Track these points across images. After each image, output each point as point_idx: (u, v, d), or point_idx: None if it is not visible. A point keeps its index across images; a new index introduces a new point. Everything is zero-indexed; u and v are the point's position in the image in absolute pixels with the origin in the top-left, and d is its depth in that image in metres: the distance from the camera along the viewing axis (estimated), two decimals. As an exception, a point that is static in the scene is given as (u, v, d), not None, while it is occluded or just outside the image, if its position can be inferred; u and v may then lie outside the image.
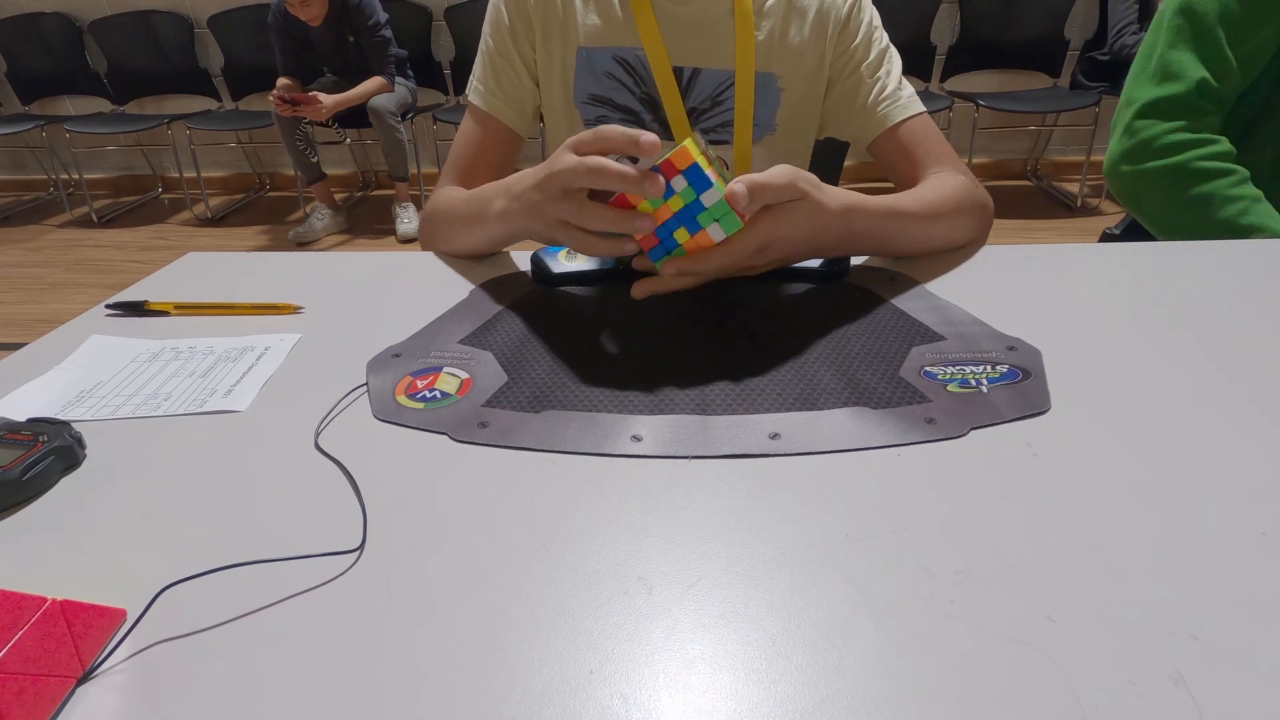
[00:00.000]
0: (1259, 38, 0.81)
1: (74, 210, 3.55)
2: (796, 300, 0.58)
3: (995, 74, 3.03)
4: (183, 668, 0.30)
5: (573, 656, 0.29)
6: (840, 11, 0.76)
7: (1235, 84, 0.83)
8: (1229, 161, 0.83)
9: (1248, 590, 0.31)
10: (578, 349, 0.52)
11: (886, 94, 0.75)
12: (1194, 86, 0.82)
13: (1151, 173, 0.85)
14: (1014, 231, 2.72)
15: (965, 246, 0.68)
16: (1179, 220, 0.86)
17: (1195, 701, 0.26)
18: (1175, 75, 0.83)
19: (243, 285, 0.68)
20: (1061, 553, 0.33)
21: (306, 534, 0.36)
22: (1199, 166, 0.82)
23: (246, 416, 0.47)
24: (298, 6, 2.65)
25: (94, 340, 0.58)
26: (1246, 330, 0.51)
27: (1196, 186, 0.82)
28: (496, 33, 0.78)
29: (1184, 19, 0.83)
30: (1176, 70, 0.83)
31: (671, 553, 0.34)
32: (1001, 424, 0.42)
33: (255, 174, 3.71)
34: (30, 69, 3.45)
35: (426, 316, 0.58)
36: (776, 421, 0.43)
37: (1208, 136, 0.83)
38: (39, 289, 2.72)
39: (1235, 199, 0.81)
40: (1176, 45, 0.83)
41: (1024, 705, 0.27)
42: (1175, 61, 0.83)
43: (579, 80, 0.78)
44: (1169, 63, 0.84)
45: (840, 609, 0.31)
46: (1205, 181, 0.82)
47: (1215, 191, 0.82)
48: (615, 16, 0.76)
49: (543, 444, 0.42)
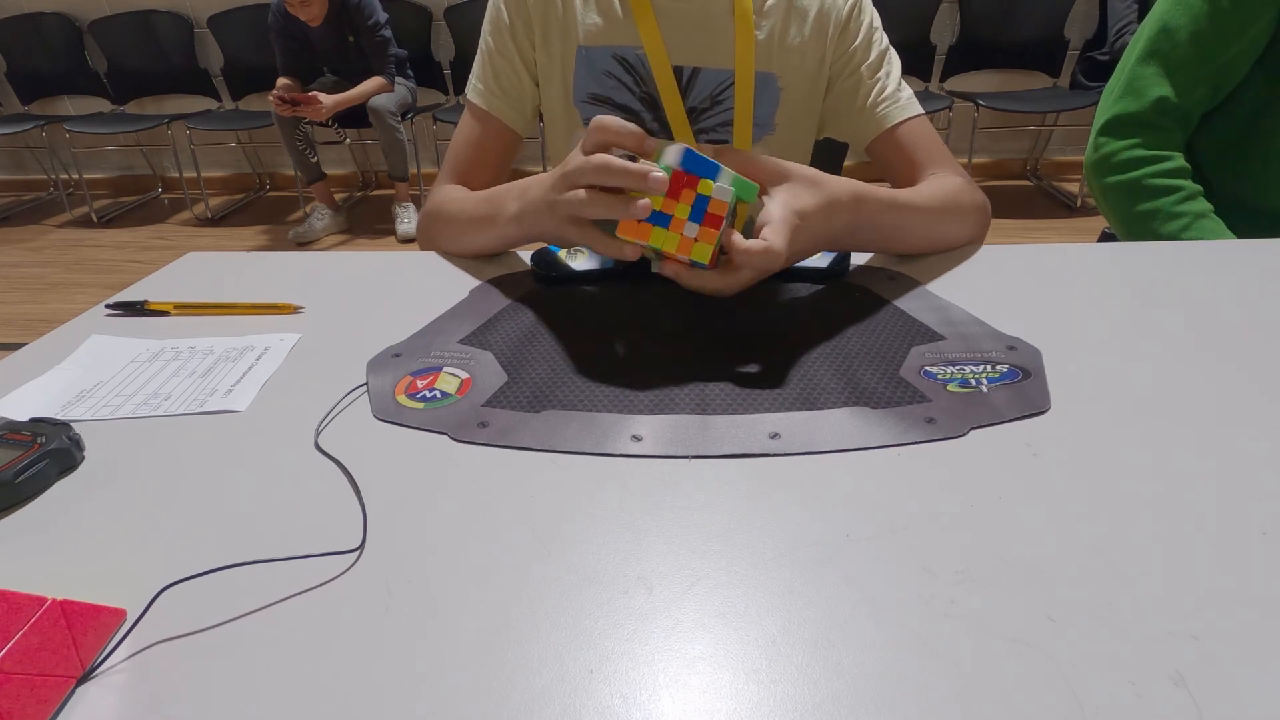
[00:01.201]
0: (1231, 53, 0.83)
1: (74, 210, 3.55)
2: (796, 300, 0.58)
3: (995, 74, 3.03)
4: (183, 668, 0.30)
5: (573, 656, 0.29)
6: (841, 12, 0.76)
7: (1203, 99, 0.86)
8: (1181, 178, 0.86)
9: (1248, 590, 0.31)
10: (578, 349, 0.52)
11: (885, 95, 0.75)
12: (1153, 104, 0.86)
13: (1108, 187, 0.90)
14: (1014, 231, 2.72)
15: (964, 247, 0.68)
16: (1132, 232, 0.90)
17: (1195, 701, 0.26)
18: (1137, 92, 0.87)
19: (243, 285, 0.68)
20: (1061, 553, 0.33)
21: (306, 534, 0.36)
22: (1149, 184, 0.87)
23: (246, 416, 0.47)
24: (298, 6, 2.65)
25: (94, 340, 0.58)
26: (1246, 330, 0.51)
27: (1144, 203, 0.87)
28: (496, 32, 0.78)
29: (1159, 34, 0.85)
30: (1139, 87, 0.87)
31: (671, 553, 0.34)
32: (1001, 424, 0.42)
33: (255, 174, 3.71)
34: (30, 69, 3.45)
35: (426, 316, 0.58)
36: (776, 421, 0.43)
37: (1161, 154, 0.87)
38: (39, 289, 2.72)
39: (1179, 215, 0.85)
40: (1145, 61, 0.87)
41: (1024, 705, 0.26)
42: (1139, 77, 0.87)
43: (579, 79, 0.78)
44: (1134, 78, 0.87)
45: (840, 609, 0.31)
46: (1153, 198, 0.86)
47: (1161, 208, 0.86)
48: (615, 15, 0.76)
49: (543, 444, 0.42)
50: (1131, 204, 0.88)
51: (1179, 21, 0.83)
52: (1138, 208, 0.87)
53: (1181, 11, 0.83)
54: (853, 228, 0.58)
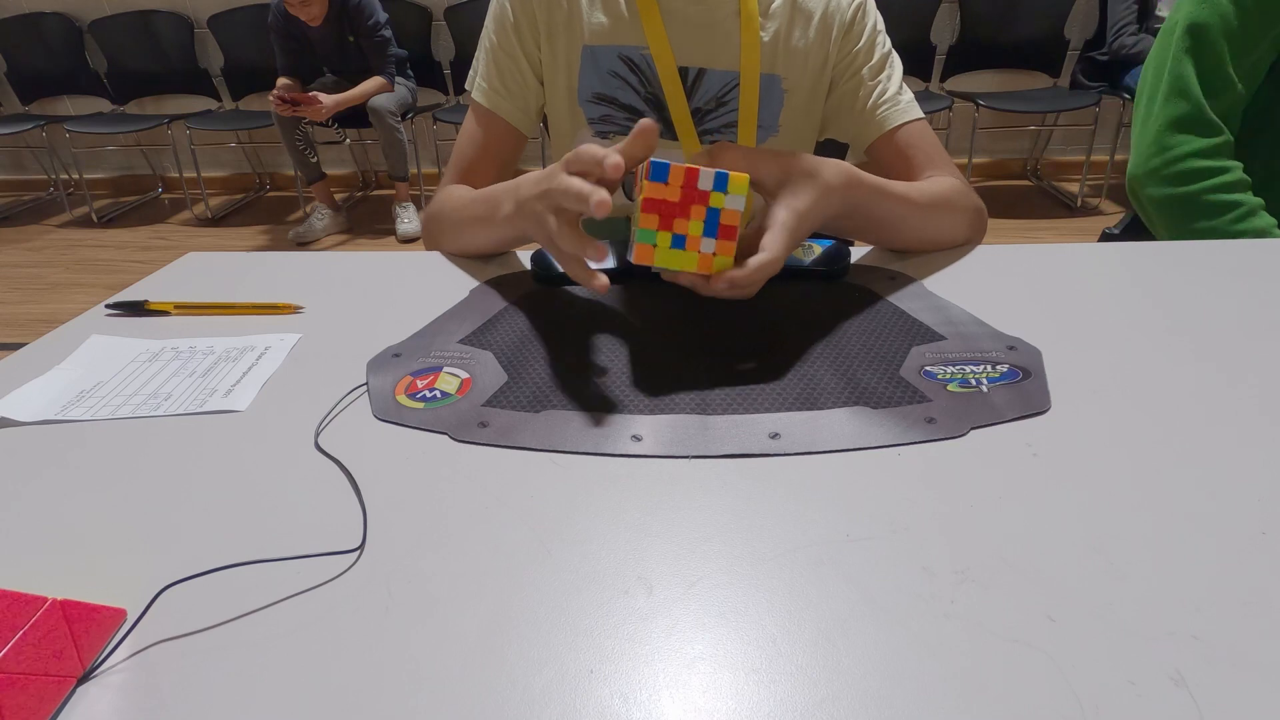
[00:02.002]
0: (1259, 51, 0.82)
1: (74, 210, 3.55)
2: (796, 300, 0.58)
3: (995, 74, 3.03)
4: (183, 668, 0.30)
5: (573, 656, 0.29)
6: (845, 15, 0.77)
7: (1238, 99, 0.85)
8: (1239, 192, 0.84)
9: (1248, 590, 0.31)
10: (578, 349, 0.52)
11: (886, 97, 0.76)
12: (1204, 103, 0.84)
13: (1162, 200, 0.88)
14: (1014, 231, 2.72)
15: (959, 246, 0.68)
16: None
17: (1195, 701, 0.26)
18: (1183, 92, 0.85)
19: (243, 285, 0.68)
20: (1061, 553, 0.33)
21: (306, 534, 0.36)
22: (1208, 200, 0.84)
23: (246, 416, 0.47)
24: (298, 6, 2.65)
25: (94, 340, 0.58)
26: (1246, 330, 0.51)
27: (1204, 220, 0.85)
28: (500, 29, 0.78)
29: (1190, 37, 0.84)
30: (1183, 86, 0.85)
31: (671, 553, 0.34)
32: (1001, 424, 0.42)
33: (255, 174, 3.71)
34: (30, 69, 3.45)
35: (426, 316, 0.58)
36: (776, 421, 0.43)
37: (1221, 165, 0.85)
38: (39, 289, 2.72)
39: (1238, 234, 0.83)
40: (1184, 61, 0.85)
41: (1024, 705, 0.27)
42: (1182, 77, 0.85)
43: (583, 78, 0.78)
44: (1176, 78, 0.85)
45: (840, 609, 0.31)
46: (1211, 216, 0.84)
47: (1219, 227, 0.84)
48: (621, 15, 0.76)
49: (543, 444, 0.42)
50: (1188, 220, 0.86)
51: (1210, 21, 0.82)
52: (1196, 225, 0.85)
53: (1210, 10, 0.82)
54: (846, 210, 0.59)
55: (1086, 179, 2.98)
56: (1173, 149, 0.86)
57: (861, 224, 0.63)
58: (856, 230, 0.64)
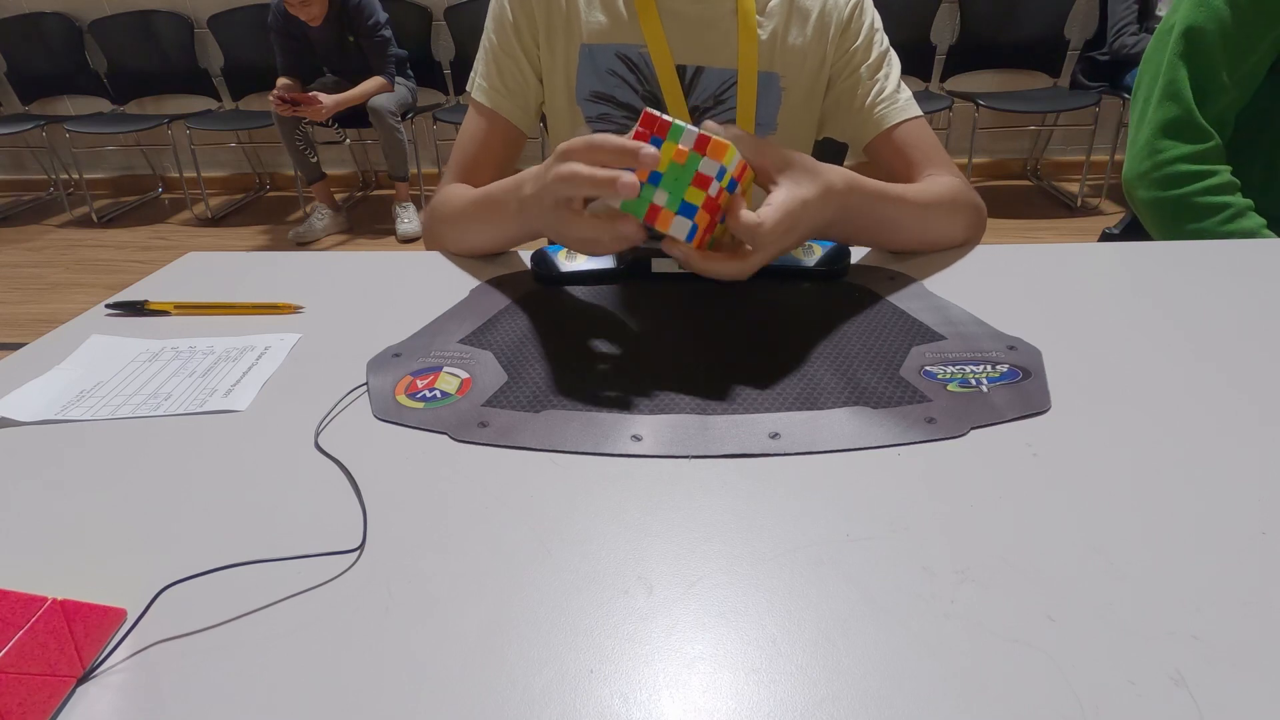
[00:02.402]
0: (1258, 54, 0.83)
1: (74, 210, 3.55)
2: (796, 300, 0.58)
3: (995, 74, 3.03)
4: (183, 668, 0.30)
5: (573, 656, 0.29)
6: (843, 13, 0.77)
7: (1231, 103, 0.86)
8: (1228, 194, 0.85)
9: (1248, 590, 0.31)
10: (578, 349, 0.52)
11: (884, 96, 0.76)
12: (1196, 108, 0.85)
13: (1153, 202, 0.89)
14: (1014, 231, 2.72)
15: (958, 246, 0.68)
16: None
17: (1195, 701, 0.26)
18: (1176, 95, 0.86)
19: (243, 285, 0.68)
20: (1061, 553, 0.33)
21: (306, 534, 0.36)
22: (1197, 202, 0.86)
23: (246, 416, 0.47)
24: (298, 6, 2.65)
25: (94, 340, 0.58)
26: (1247, 330, 0.51)
27: (1193, 221, 0.86)
28: (500, 29, 0.78)
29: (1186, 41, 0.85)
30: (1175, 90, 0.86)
31: (671, 553, 0.34)
32: (1001, 424, 0.42)
33: (255, 174, 3.71)
34: (30, 69, 3.45)
35: (426, 316, 0.58)
36: (776, 421, 0.43)
37: (1210, 168, 0.86)
38: (39, 289, 2.72)
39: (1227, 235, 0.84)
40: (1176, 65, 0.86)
41: (1024, 705, 0.27)
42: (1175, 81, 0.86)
43: (582, 77, 0.78)
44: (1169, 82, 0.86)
45: (840, 609, 0.31)
46: (1200, 218, 0.86)
47: (1209, 229, 0.85)
48: (619, 14, 0.76)
49: (543, 444, 0.42)
50: (1178, 222, 0.87)
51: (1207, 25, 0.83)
52: (1188, 225, 0.86)
53: (1207, 15, 0.82)
54: (845, 215, 0.59)
55: (1086, 179, 2.98)
56: (1162, 153, 0.87)
57: (861, 228, 0.63)
58: (856, 235, 0.64)
